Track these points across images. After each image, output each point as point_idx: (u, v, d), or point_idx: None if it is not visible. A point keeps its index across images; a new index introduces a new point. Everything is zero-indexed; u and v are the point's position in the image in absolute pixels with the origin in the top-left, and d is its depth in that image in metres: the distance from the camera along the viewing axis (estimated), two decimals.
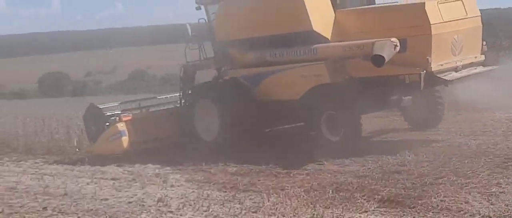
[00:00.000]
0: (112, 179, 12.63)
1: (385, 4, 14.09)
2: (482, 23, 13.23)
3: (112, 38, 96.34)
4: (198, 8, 15.25)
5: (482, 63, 13.23)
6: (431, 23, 12.07)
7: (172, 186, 11.49)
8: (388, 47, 12.00)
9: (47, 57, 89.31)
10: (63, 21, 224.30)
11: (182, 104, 15.18)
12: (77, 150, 15.84)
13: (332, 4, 13.44)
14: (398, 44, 12.05)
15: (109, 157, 14.39)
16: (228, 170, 12.41)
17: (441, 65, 12.31)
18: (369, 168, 11.26)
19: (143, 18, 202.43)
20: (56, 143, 17.01)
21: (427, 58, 12.03)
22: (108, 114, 15.07)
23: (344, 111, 12.85)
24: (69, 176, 13.31)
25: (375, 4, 14.35)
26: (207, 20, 15.09)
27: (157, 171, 12.93)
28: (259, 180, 11.31)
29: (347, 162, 11.88)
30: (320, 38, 13.11)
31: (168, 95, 16.21)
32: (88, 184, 12.37)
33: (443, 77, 12.27)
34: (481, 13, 13.34)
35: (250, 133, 13.96)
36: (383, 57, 11.91)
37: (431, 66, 12.08)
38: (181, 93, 15.25)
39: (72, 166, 14.44)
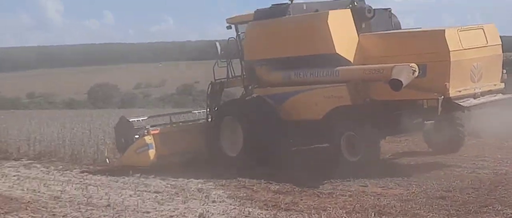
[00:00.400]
0: (155, 192, 12.78)
1: (407, 30, 14.46)
2: (502, 52, 13.45)
3: (162, 52, 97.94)
4: (229, 28, 15.89)
5: (502, 91, 13.44)
6: (450, 50, 12.41)
7: (214, 201, 11.63)
8: (406, 72, 12.35)
9: (98, 68, 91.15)
10: (116, 34, 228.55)
11: (209, 120, 15.72)
12: (107, 161, 16.49)
13: (356, 28, 13.85)
14: (417, 69, 12.40)
15: (143, 168, 14.85)
16: (271, 188, 12.49)
17: (459, 91, 12.60)
18: (413, 192, 11.24)
19: (193, 33, 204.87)
20: (101, 153, 17.24)
21: (445, 84, 12.35)
22: (136, 127, 15.68)
23: (363, 132, 13.21)
24: (112, 187, 13.55)
25: (400, 29, 14.69)
26: (236, 40, 15.65)
27: (200, 185, 13.09)
28: (301, 200, 11.38)
29: (391, 185, 11.95)
30: (343, 61, 13.55)
31: (201, 111, 16.66)
32: (131, 196, 12.56)
33: (460, 104, 12.55)
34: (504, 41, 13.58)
35: (274, 151, 14.41)
36: (401, 81, 12.26)
37: (449, 92, 12.40)
38: (208, 110, 15.81)
39: (116, 177, 14.66)
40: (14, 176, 15.86)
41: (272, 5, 14.92)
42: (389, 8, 14.76)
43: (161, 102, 70.18)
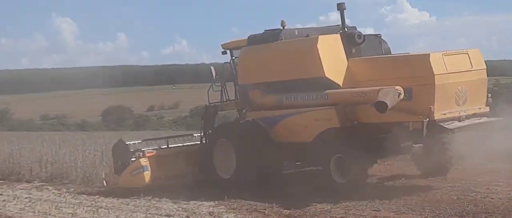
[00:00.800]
0: (166, 215, 12.86)
1: (394, 55, 14.87)
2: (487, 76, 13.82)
3: (176, 74, 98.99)
4: (224, 53, 16.43)
5: (487, 115, 13.78)
6: (434, 73, 12.79)
7: None
8: (391, 95, 12.74)
9: (112, 90, 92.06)
10: (130, 56, 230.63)
11: (203, 143, 16.17)
12: (104, 182, 16.93)
13: (346, 53, 14.27)
14: (403, 92, 12.77)
15: (155, 191, 15.06)
16: (282, 212, 12.58)
17: (444, 114, 12.96)
18: (426, 217, 11.41)
19: (207, 55, 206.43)
20: (113, 175, 17.31)
21: (430, 107, 12.72)
22: (132, 149, 16.13)
23: (351, 154, 13.58)
24: (123, 210, 13.66)
25: (391, 54, 15.10)
26: (230, 64, 16.14)
27: (211, 209, 13.19)
28: None
29: (403, 209, 12.01)
30: (332, 84, 13.95)
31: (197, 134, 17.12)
32: None
33: (445, 126, 12.90)
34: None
35: (266, 173, 14.82)
36: (386, 103, 12.65)
37: (434, 114, 12.76)
38: (202, 133, 16.28)
39: (128, 199, 14.82)
40: (26, 198, 16.15)
41: (265, 30, 15.43)
42: (379, 34, 15.24)
43: (174, 124, 70.89)
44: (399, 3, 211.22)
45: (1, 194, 17.00)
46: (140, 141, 16.88)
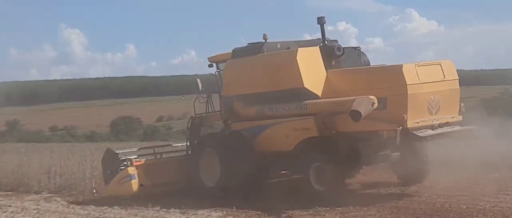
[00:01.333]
0: None
1: (370, 67, 15.45)
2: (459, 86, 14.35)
3: (184, 85, 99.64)
4: (210, 66, 17.11)
5: (460, 123, 14.30)
6: (407, 83, 13.35)
7: None
8: (365, 104, 13.32)
9: (121, 101, 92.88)
10: (138, 67, 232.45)
11: (189, 153, 16.82)
12: (95, 192, 17.55)
13: (325, 64, 14.85)
14: (376, 101, 13.35)
15: (163, 201, 15.46)
16: None
17: (417, 122, 13.51)
18: None
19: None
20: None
21: (404, 116, 13.28)
22: (122, 158, 16.73)
23: (330, 163, 14.14)
24: None
25: (369, 65, 15.67)
26: (216, 76, 16.78)
27: None
28: None
29: None
30: (311, 95, 14.53)
31: (181, 144, 17.76)
32: None
33: (418, 134, 13.44)
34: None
35: (250, 181, 15.42)
36: (360, 112, 13.22)
37: (407, 123, 13.31)
38: (188, 143, 16.92)
39: (135, 210, 15.15)
40: (34, 209, 16.43)
41: (249, 43, 16.06)
42: (358, 47, 15.91)
43: (182, 134, 71.38)
44: (408, 12, 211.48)
45: (10, 205, 17.32)
46: (130, 150, 17.42)
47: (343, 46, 15.29)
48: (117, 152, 17.00)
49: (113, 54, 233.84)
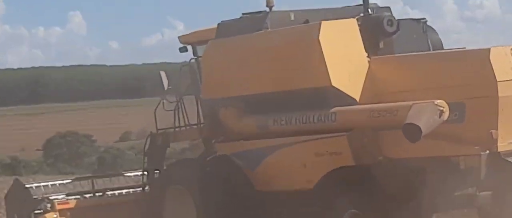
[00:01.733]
0: None
1: (441, 52, 15.20)
2: None
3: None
4: (184, 50, 16.92)
5: None
6: (497, 79, 13.18)
7: None
8: (428, 113, 13.12)
9: (61, 107, 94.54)
10: (89, 50, 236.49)
11: (146, 189, 16.78)
12: None
13: (367, 48, 14.68)
14: (447, 109, 13.13)
15: None
16: None
17: None
18: None
19: None
20: None
21: (491, 132, 13.09)
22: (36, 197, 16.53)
23: (373, 210, 14.01)
24: None
25: (441, 49, 15.49)
26: (191, 67, 16.70)
27: None
28: None
29: None
30: (342, 98, 14.40)
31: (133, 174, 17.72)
32: None
33: None
34: None
35: None
36: (419, 127, 13.01)
37: (498, 144, 13.15)
38: (144, 174, 16.89)
39: None
40: None
41: (243, 14, 15.83)
42: (424, 19, 15.69)
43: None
44: None
45: None
46: (53, 183, 17.36)
47: (398, 18, 15.20)
48: (28, 186, 16.89)
49: (47, 29, 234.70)
